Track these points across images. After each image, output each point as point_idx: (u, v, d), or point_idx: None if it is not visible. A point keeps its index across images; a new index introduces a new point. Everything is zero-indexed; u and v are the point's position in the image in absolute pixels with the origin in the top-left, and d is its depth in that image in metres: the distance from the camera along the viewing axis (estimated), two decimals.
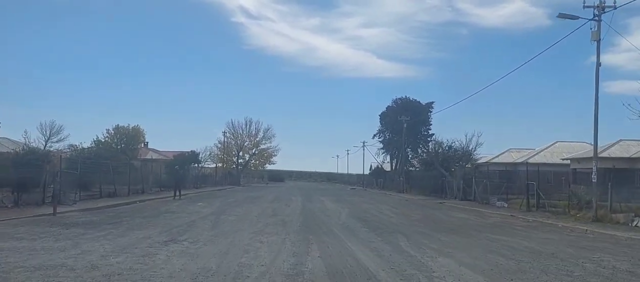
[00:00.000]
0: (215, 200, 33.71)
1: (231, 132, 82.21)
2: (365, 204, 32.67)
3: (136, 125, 76.80)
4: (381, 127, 72.94)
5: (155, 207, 25.08)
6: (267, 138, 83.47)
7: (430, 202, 38.34)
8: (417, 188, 55.80)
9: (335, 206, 30.20)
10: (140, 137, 76.45)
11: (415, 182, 57.81)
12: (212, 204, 28.89)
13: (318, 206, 30.06)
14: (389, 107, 71.38)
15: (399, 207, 30.62)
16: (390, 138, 72.40)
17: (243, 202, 32.34)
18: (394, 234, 15.65)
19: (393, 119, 68.62)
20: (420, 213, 25.35)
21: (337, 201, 35.60)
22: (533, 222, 21.39)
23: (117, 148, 68.17)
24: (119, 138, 70.44)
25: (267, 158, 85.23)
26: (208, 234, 14.76)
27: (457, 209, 30.34)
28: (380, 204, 32.76)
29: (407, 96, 70.29)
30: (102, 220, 18.12)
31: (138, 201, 29.11)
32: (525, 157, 65.17)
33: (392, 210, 27.49)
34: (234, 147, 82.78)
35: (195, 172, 67.72)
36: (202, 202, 29.89)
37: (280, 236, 14.62)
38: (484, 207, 31.31)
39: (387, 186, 71.01)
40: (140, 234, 14.31)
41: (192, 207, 25.46)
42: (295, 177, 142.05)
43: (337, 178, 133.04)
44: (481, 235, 16.02)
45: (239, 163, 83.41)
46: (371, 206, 31.13)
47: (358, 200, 38.90)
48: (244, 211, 23.91)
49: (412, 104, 67.87)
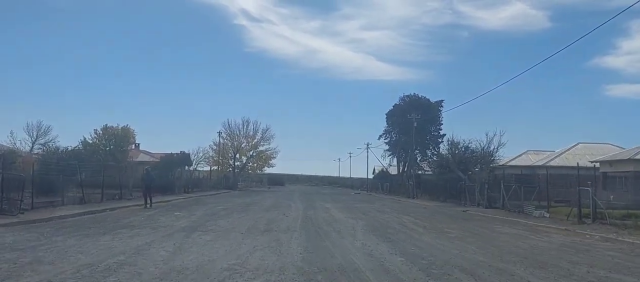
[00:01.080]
0: (199, 208, 27.95)
1: (227, 133, 76.53)
2: (380, 214, 26.88)
3: (126, 125, 71.34)
4: (387, 127, 67.29)
5: (117, 219, 19.32)
6: (265, 139, 77.74)
7: (451, 210, 32.60)
8: (429, 193, 50.07)
9: (344, 215, 24.42)
10: (131, 138, 70.96)
11: (427, 187, 52.06)
12: (193, 214, 23.13)
13: (323, 215, 24.32)
14: (397, 105, 65.71)
15: (422, 217, 24.83)
16: (397, 139, 66.72)
17: (233, 210, 26.59)
18: (451, 270, 9.87)
19: (401, 118, 62.96)
20: (455, 227, 19.57)
21: (345, 209, 29.88)
22: (618, 243, 15.58)
23: (106, 149, 63.03)
24: (108, 139, 65.04)
25: (266, 160, 79.34)
26: (155, 270, 9.05)
27: (493, 220, 24.56)
28: (398, 214, 26.96)
29: (416, 93, 64.67)
30: (15, 242, 12.41)
31: (108, 210, 23.47)
32: (545, 159, 59.52)
33: (417, 222, 21.69)
34: (230, 148, 77.00)
35: (186, 176, 62.17)
36: (181, 212, 24.12)
37: (272, 274, 8.91)
38: (523, 218, 25.61)
39: (393, 191, 65.25)
40: (49, 270, 8.58)
41: (164, 219, 19.73)
42: (296, 181, 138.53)
43: (339, 182, 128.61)
44: (590, 275, 10.14)
45: (235, 166, 77.54)
46: (389, 216, 25.32)
47: (368, 207, 33.13)
48: (229, 224, 18.17)
49: (421, 102, 62.17)
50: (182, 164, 53.48)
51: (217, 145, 74.44)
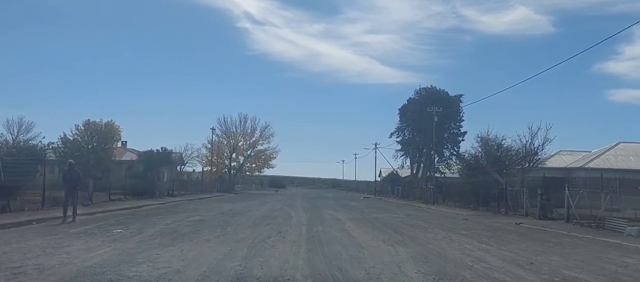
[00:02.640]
0: (164, 219, 19.65)
1: (223, 131, 68.31)
2: (417, 231, 18.44)
3: (110, 120, 63.29)
4: (400, 124, 58.91)
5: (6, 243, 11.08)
6: (265, 138, 69.49)
7: (498, 221, 24.37)
8: (453, 198, 41.74)
9: (369, 235, 16.03)
10: (116, 134, 62.88)
11: (451, 192, 43.72)
12: (141, 231, 14.79)
13: (338, 234, 15.90)
14: (411, 99, 57.33)
15: (481, 237, 16.45)
16: (411, 137, 58.35)
17: (209, 224, 18.25)
18: None
19: (416, 113, 54.66)
20: (556, 257, 11.34)
21: (363, 222, 21.51)
22: None
23: (88, 147, 54.94)
24: (90, 135, 56.84)
25: (265, 161, 70.94)
26: None
27: (585, 241, 16.20)
28: (443, 230, 18.49)
29: (433, 86, 56.28)
30: None
31: (36, 222, 15.27)
32: (581, 160, 51.08)
33: (489, 250, 13.26)
34: (226, 147, 68.76)
35: (174, 177, 53.95)
36: (124, 228, 15.67)
37: None
38: (618, 237, 17.46)
39: (407, 195, 56.91)
40: None
41: (72, 245, 11.44)
42: (298, 183, 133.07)
43: (343, 185, 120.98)
44: None
45: (231, 167, 69.23)
46: (433, 235, 16.87)
47: (391, 219, 24.75)
48: (176, 263, 9.85)
49: (439, 95, 53.84)
50: (165, 163, 45.16)
51: (211, 143, 66.12)
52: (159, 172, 44.95)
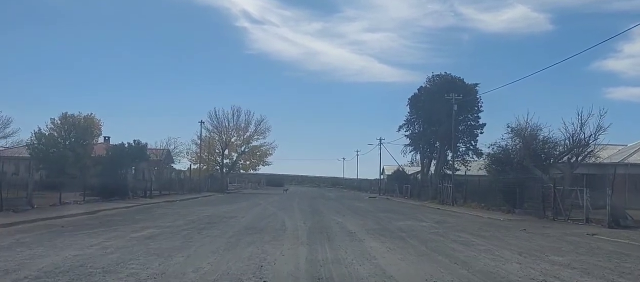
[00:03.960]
0: (89, 238, 12.88)
1: (214, 125, 61.46)
2: (490, 259, 11.59)
3: (90, 114, 56.63)
4: (410, 115, 51.93)
5: None
6: (260, 132, 62.59)
7: (558, 231, 17.79)
8: (477, 199, 35.00)
9: (406, 263, 9.34)
10: (96, 129, 56.21)
11: (473, 191, 36.99)
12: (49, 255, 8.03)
13: (365, 271, 9.11)
14: (423, 88, 50.43)
15: (572, 263, 9.71)
16: (421, 131, 51.52)
17: (147, 249, 11.39)
18: None
19: (428, 104, 47.83)
20: None
21: (393, 240, 14.58)
22: None
23: (65, 143, 48.38)
24: (67, 130, 50.19)
25: (261, 158, 64.02)
26: None
27: None
28: (533, 259, 11.60)
29: (448, 72, 49.40)
30: None
31: None
32: (619, 155, 44.17)
33: None
34: (217, 143, 61.92)
35: (156, 175, 47.42)
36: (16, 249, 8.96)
37: None
38: None
39: (418, 194, 50.12)
40: None
41: None
42: (297, 181, 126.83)
43: (343, 183, 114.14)
44: None
45: (223, 164, 62.40)
46: (499, 261, 10.13)
47: (419, 228, 17.92)
48: None
49: (454, 82, 46.92)
50: (140, 159, 38.40)
51: (200, 137, 59.26)
52: (132, 169, 38.20)
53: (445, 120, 46.54)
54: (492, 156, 33.28)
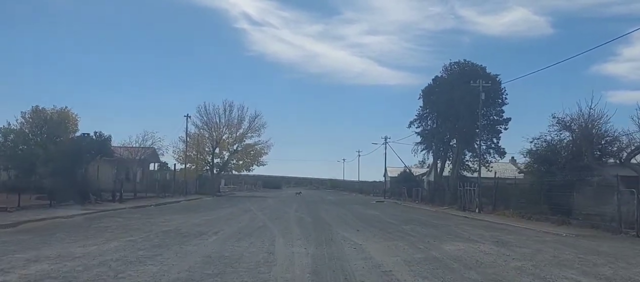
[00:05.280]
0: None
1: (204, 122, 54.60)
2: None
3: (64, 108, 49.67)
4: (422, 110, 45.16)
5: None
6: (254, 130, 55.73)
7: None
8: (509, 205, 28.37)
9: None
10: (71, 124, 49.23)
11: (506, 195, 30.33)
12: None
13: None
14: (438, 78, 43.61)
15: None
16: (435, 127, 44.80)
17: None
18: None
19: (445, 95, 41.10)
20: None
21: (438, 274, 8.11)
22: None
23: (36, 139, 41.45)
24: (38, 126, 43.26)
25: (255, 157, 57.06)
26: None
27: None
28: None
29: (468, 60, 42.64)
30: None
31: None
32: None
33: None
34: (207, 141, 55.06)
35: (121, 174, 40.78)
36: None
37: None
38: None
39: (430, 198, 43.45)
40: None
41: None
42: (295, 183, 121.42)
43: (343, 185, 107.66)
44: None
45: (214, 163, 55.54)
46: None
47: (501, 266, 11.26)
48: None
49: (475, 71, 40.18)
50: (102, 154, 31.62)
51: (187, 133, 52.40)
52: (90, 166, 31.49)
53: (465, 114, 39.85)
54: (534, 153, 26.54)
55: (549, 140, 25.98)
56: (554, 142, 26.05)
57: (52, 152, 27.41)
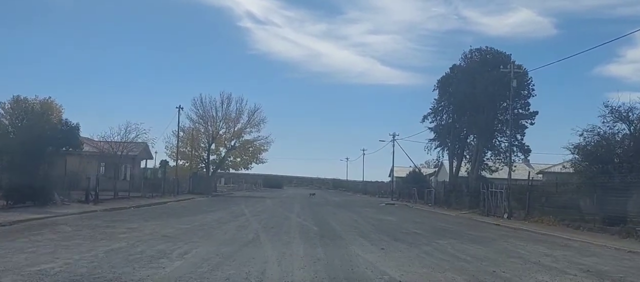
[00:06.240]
0: None
1: (199, 115, 50.02)
2: None
3: (47, 98, 45.17)
4: (438, 102, 40.54)
5: None
6: (253, 124, 51.13)
7: None
8: (545, 211, 23.77)
9: None
10: (54, 115, 44.64)
11: (540, 200, 25.69)
12: None
13: None
14: (456, 66, 39.02)
15: None
16: (450, 122, 40.18)
17: None
18: None
19: (465, 86, 36.51)
20: None
21: None
22: None
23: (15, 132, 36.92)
24: (19, 117, 38.53)
25: (254, 154, 52.44)
26: None
27: None
28: None
29: (491, 46, 37.98)
30: None
31: None
32: None
33: None
34: (203, 136, 50.50)
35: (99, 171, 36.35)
36: None
37: None
38: None
39: (444, 201, 38.81)
40: None
41: None
42: (297, 183, 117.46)
43: (346, 185, 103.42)
44: None
45: (209, 160, 50.94)
46: None
47: None
48: None
49: (500, 58, 35.59)
50: (70, 145, 27.04)
51: (179, 127, 47.75)
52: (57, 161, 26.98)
53: (487, 106, 35.27)
54: (583, 148, 21.93)
55: (602, 133, 21.44)
56: (606, 135, 21.54)
57: (6, 144, 22.81)
